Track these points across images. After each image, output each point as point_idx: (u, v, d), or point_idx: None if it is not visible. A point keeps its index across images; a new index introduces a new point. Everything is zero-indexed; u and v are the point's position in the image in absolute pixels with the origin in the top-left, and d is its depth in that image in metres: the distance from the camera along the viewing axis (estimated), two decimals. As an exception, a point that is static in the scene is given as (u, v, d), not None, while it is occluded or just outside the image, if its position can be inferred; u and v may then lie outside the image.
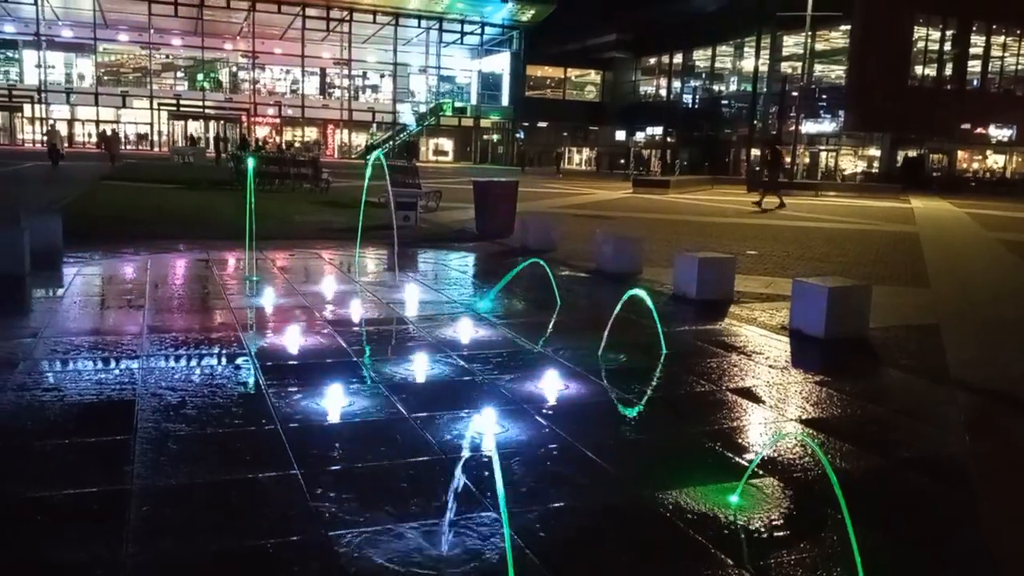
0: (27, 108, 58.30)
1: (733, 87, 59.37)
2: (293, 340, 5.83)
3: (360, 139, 65.90)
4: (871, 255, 13.50)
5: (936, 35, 48.52)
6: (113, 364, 5.14)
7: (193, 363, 5.30)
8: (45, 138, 33.66)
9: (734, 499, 3.44)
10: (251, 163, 9.45)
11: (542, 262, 7.63)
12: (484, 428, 4.12)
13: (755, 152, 52.19)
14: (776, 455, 4.00)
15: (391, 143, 60.96)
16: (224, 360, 5.38)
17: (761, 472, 3.75)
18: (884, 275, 10.60)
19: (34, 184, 22.39)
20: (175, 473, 3.47)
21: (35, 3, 54.75)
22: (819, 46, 49.02)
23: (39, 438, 3.82)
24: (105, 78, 62.36)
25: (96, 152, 47.53)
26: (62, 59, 61.22)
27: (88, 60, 60.90)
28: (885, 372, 6.02)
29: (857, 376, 5.73)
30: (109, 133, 43.73)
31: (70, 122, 59.53)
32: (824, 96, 50.06)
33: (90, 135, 59.12)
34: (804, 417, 4.67)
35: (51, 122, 51.23)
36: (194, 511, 3.17)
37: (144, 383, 4.70)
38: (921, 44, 48.28)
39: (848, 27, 45.88)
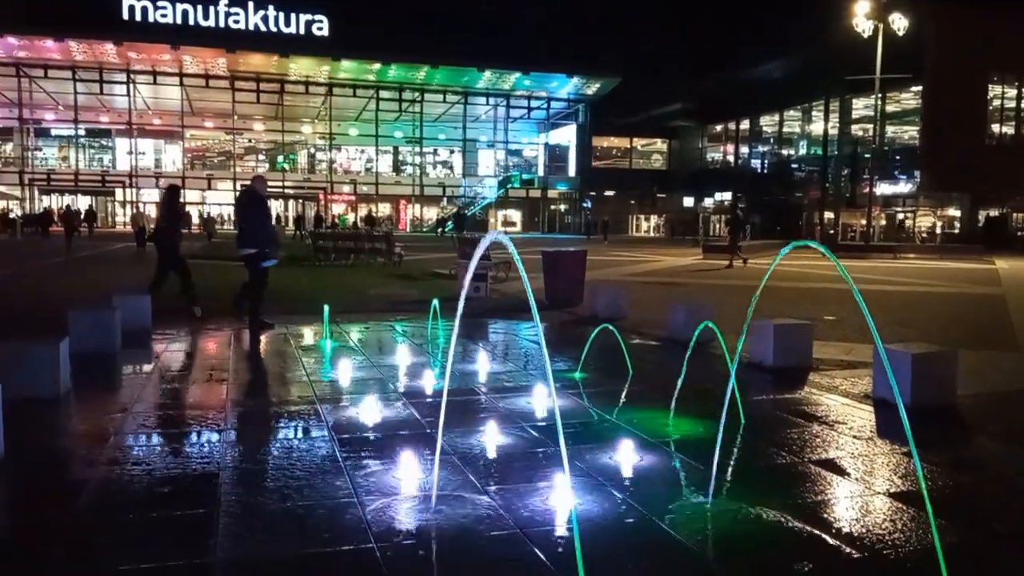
0: (119, 192, 61.75)
1: (802, 151, 58.96)
2: (368, 413, 5.91)
3: (431, 213, 67.50)
4: (955, 319, 13.02)
5: (1012, 92, 47.47)
6: (198, 438, 5.31)
7: (273, 436, 5.43)
8: (131, 220, 36.11)
9: (822, 577, 3.30)
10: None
11: (614, 329, 7.61)
12: (559, 502, 4.08)
13: (828, 215, 51.42)
14: (865, 530, 3.84)
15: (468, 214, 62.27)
16: (303, 433, 5.50)
17: (848, 548, 3.60)
18: (970, 340, 10.19)
19: (125, 265, 23.56)
20: (256, 547, 3.53)
21: (128, 95, 58.47)
22: (890, 108, 48.46)
23: (129, 510, 3.96)
24: (192, 162, 65.85)
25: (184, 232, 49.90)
26: (152, 146, 65.02)
27: (176, 146, 64.46)
28: (976, 441, 5.76)
29: (947, 446, 5.48)
30: (206, 216, 48.95)
31: (158, 204, 62.59)
32: (898, 157, 49.22)
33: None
34: (893, 490, 4.48)
35: (139, 205, 53.99)
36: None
37: (227, 456, 4.83)
38: (997, 102, 47.27)
39: (919, 88, 45.30)
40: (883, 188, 48.14)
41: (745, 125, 63.69)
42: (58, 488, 4.32)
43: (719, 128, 68.16)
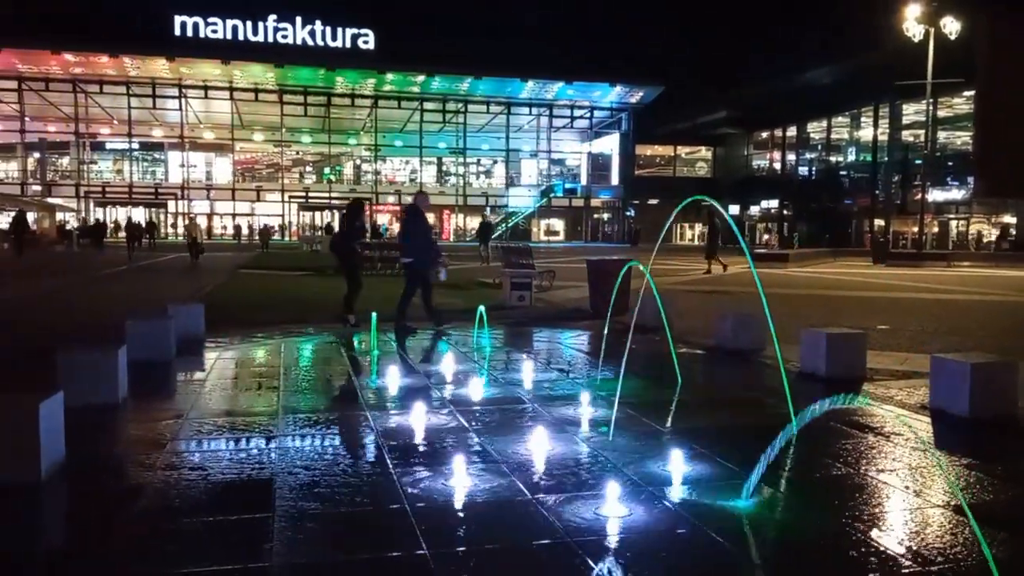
0: (171, 204, 63.22)
1: (851, 157, 57.94)
2: (417, 420, 5.95)
3: (474, 222, 67.78)
4: (1011, 328, 12.65)
5: (1069, 96, 46.03)
6: (251, 443, 5.40)
7: (324, 442, 5.50)
8: (184, 232, 36.98)
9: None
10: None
11: (669, 340, 7.55)
12: (608, 511, 4.05)
13: (879, 222, 50.42)
14: (926, 544, 3.75)
15: (504, 226, 62.49)
16: (353, 439, 5.57)
17: (906, 561, 3.51)
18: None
19: (182, 275, 24.11)
20: (311, 552, 3.58)
21: (180, 109, 59.92)
22: (942, 113, 47.40)
23: (185, 515, 4.04)
24: (242, 174, 67.21)
25: (231, 244, 51.45)
26: (203, 158, 66.46)
27: (226, 159, 65.79)
28: (1041, 454, 5.57)
29: (1008, 458, 5.32)
30: (263, 227, 51.17)
31: (209, 216, 64.05)
32: (950, 163, 48.09)
33: (224, 228, 63.68)
34: (953, 503, 4.37)
35: (191, 215, 55.05)
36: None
37: (280, 462, 4.90)
38: (1054, 105, 45.86)
39: (972, 92, 44.24)
40: (935, 195, 47.07)
41: (792, 132, 62.80)
42: (117, 492, 4.42)
43: (765, 135, 67.36)
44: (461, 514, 4.10)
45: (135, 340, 7.83)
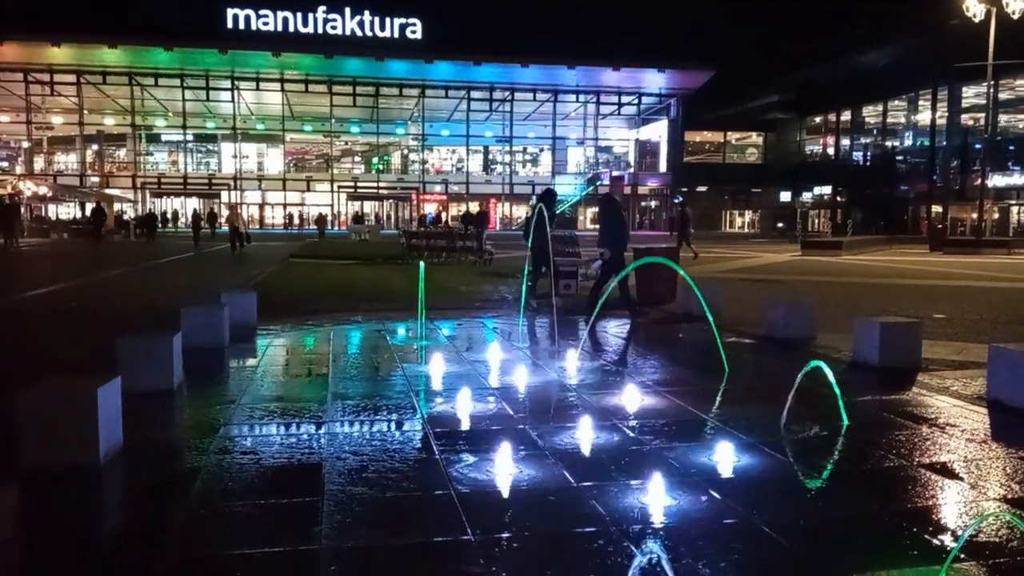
0: (224, 194, 64.45)
1: (908, 142, 56.37)
2: (463, 407, 5.99)
3: (520, 211, 67.73)
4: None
5: None
6: (302, 429, 5.50)
7: (373, 428, 5.57)
8: (225, 221, 37.03)
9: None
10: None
11: (714, 329, 7.48)
12: (653, 500, 4.05)
13: (936, 209, 49.09)
14: (979, 538, 3.66)
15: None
16: (400, 426, 5.63)
17: (964, 556, 3.44)
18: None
19: (232, 263, 24.62)
20: (359, 535, 3.64)
21: (232, 101, 60.93)
22: (1003, 95, 45.85)
23: (239, 498, 4.14)
24: (295, 164, 68.18)
25: (283, 233, 52.50)
26: (255, 150, 67.53)
27: (277, 149, 66.77)
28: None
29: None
30: (319, 215, 53.39)
31: (261, 206, 65.15)
32: (1011, 147, 46.50)
33: (281, 217, 64.86)
34: (1010, 496, 4.26)
35: (232, 204, 55.52)
36: (378, 573, 3.33)
37: (330, 447, 4.99)
38: (1124, 85, 44.10)
39: (1036, 73, 42.68)
40: (995, 180, 45.58)
41: (846, 116, 61.29)
42: (173, 476, 4.54)
43: (818, 120, 65.91)
44: (506, 501, 4.13)
45: (190, 327, 8.03)
